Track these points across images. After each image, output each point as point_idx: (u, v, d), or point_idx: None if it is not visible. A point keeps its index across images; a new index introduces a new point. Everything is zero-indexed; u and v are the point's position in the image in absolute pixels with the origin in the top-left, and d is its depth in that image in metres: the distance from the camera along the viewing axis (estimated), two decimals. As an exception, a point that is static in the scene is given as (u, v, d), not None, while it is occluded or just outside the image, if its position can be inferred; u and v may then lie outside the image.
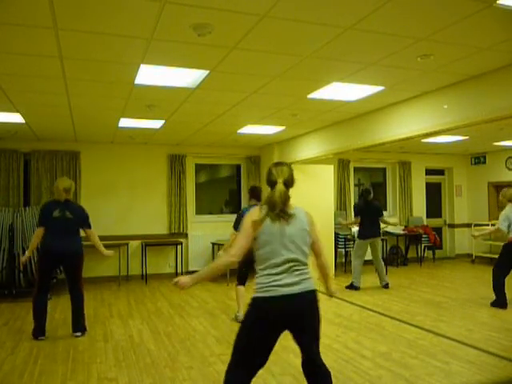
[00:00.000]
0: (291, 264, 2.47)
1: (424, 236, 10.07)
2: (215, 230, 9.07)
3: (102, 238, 5.33)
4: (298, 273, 2.48)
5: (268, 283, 2.45)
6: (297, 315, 2.46)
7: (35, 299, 4.79)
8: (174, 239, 8.77)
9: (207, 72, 4.27)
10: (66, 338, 4.82)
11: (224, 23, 3.16)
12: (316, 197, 8.27)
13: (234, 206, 9.74)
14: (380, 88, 4.91)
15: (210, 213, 9.49)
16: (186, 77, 4.42)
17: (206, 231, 9.03)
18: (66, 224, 4.82)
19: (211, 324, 5.35)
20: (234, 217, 5.42)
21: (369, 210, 7.45)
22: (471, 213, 11.01)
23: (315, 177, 8.43)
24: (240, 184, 9.67)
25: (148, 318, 5.67)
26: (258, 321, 2.46)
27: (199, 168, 9.47)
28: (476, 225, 10.30)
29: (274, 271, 2.45)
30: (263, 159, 9.45)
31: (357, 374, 3.74)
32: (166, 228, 8.89)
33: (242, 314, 5.55)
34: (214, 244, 8.67)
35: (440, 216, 11.21)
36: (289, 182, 2.60)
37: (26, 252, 5.00)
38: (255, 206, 4.90)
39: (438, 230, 10.80)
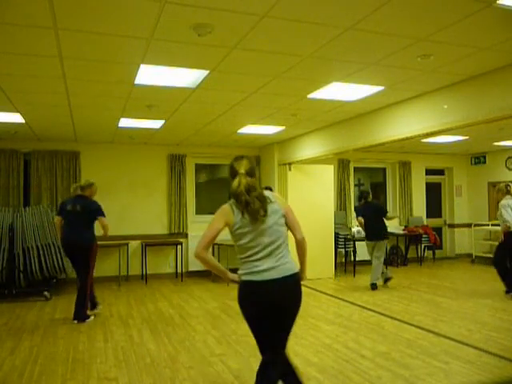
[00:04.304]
0: (269, 249, 2.55)
1: (424, 236, 10.07)
2: (215, 230, 9.05)
3: (102, 238, 5.41)
4: (277, 257, 2.55)
5: (249, 269, 2.55)
6: (274, 299, 2.54)
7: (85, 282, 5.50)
8: (173, 239, 8.77)
9: (207, 72, 4.27)
10: (66, 337, 4.82)
11: (224, 23, 3.16)
12: (316, 197, 8.29)
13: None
14: (380, 88, 4.91)
15: (211, 213, 9.47)
16: (186, 77, 4.42)
17: (206, 231, 9.01)
18: (75, 216, 5.42)
19: (211, 324, 5.35)
20: None
21: (371, 211, 7.45)
22: (471, 213, 11.01)
23: (315, 177, 8.44)
24: (240, 184, 9.64)
25: (148, 318, 5.67)
26: (244, 302, 2.61)
27: (199, 168, 9.47)
28: (476, 225, 10.30)
29: (252, 258, 2.55)
30: (263, 159, 9.46)
31: (357, 374, 3.74)
32: (166, 228, 8.89)
33: None
34: (214, 244, 8.63)
35: (440, 216, 11.21)
36: (250, 173, 2.65)
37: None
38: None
39: (438, 230, 10.80)
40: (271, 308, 2.55)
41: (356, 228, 9.05)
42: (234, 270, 2.72)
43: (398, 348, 4.39)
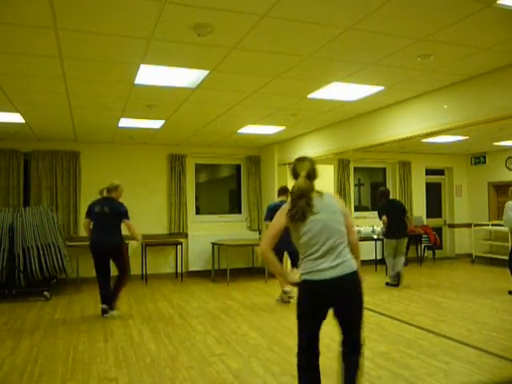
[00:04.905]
0: (329, 248, 2.62)
1: (424, 236, 10.07)
2: (215, 230, 9.07)
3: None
4: (336, 255, 2.62)
5: (310, 268, 2.62)
6: (338, 296, 2.62)
7: (98, 282, 5.72)
8: (173, 239, 8.77)
9: (207, 72, 4.27)
10: (66, 337, 4.82)
11: (224, 23, 3.16)
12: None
13: (234, 206, 9.77)
14: (380, 88, 4.91)
15: (212, 212, 9.49)
16: (186, 77, 4.43)
17: (206, 231, 9.03)
18: (105, 218, 5.61)
19: (211, 324, 5.35)
20: (233, 217, 5.38)
21: (393, 209, 7.49)
22: (471, 213, 11.00)
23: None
24: (240, 184, 9.67)
25: (148, 318, 5.67)
26: (303, 301, 2.67)
27: (199, 168, 9.47)
28: (476, 225, 10.30)
29: (313, 257, 2.62)
30: (263, 159, 9.46)
31: (357, 374, 3.74)
32: (166, 228, 8.88)
33: (285, 296, 6.37)
34: (213, 244, 8.66)
35: (440, 216, 11.21)
36: (310, 175, 2.74)
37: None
38: (284, 200, 6.07)
39: (438, 230, 10.80)
40: (330, 306, 2.64)
41: (356, 228, 9.04)
42: (235, 270, 2.73)
43: (398, 348, 4.39)
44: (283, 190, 6.67)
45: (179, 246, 8.62)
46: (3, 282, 6.71)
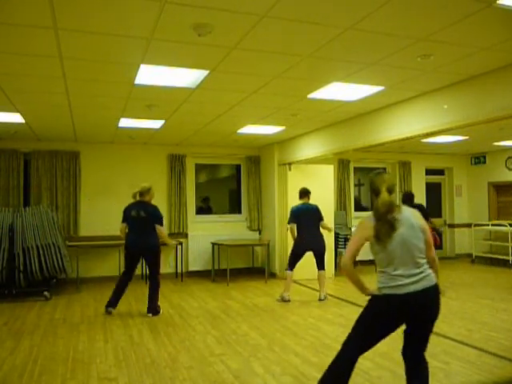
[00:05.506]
0: (409, 263, 2.64)
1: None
2: (215, 230, 9.07)
3: (101, 238, 5.45)
4: (417, 271, 2.65)
5: (390, 282, 2.65)
6: (418, 310, 2.66)
7: (120, 278, 5.97)
8: (173, 239, 8.75)
9: (207, 72, 4.27)
10: (66, 337, 4.82)
11: (224, 23, 3.16)
12: (316, 197, 8.25)
13: (234, 206, 9.77)
14: (380, 88, 4.91)
15: (214, 212, 9.49)
16: (186, 77, 4.42)
17: (206, 231, 9.03)
18: (141, 222, 5.73)
19: (211, 324, 5.35)
20: (233, 217, 5.69)
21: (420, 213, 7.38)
22: (471, 213, 11.01)
23: (315, 177, 8.43)
24: (240, 184, 9.67)
25: (148, 318, 5.67)
26: (381, 314, 2.71)
27: (199, 168, 9.47)
28: (476, 225, 10.30)
29: (393, 273, 2.65)
30: (263, 159, 9.46)
31: (357, 374, 3.73)
32: (165, 228, 8.84)
33: (286, 295, 6.53)
34: (213, 244, 8.66)
35: (440, 216, 11.20)
36: (390, 189, 2.77)
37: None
38: (306, 203, 6.73)
39: (438, 230, 10.79)
40: (412, 320, 2.69)
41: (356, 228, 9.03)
42: (235, 270, 2.73)
43: (398, 348, 4.36)
44: (304, 193, 6.76)
45: (179, 246, 8.62)
46: (3, 282, 6.71)
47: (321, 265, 6.68)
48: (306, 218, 6.62)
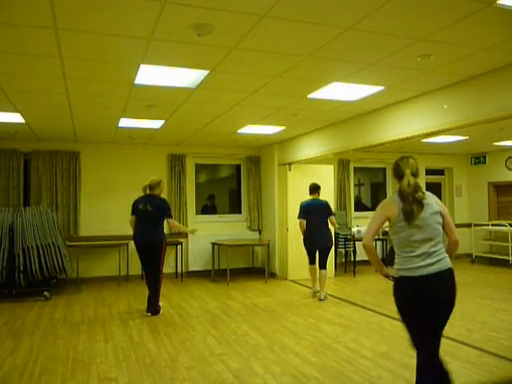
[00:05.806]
0: (427, 245, 2.70)
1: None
2: (215, 230, 9.07)
3: (101, 238, 5.43)
4: (433, 253, 2.70)
5: (407, 264, 2.71)
6: (431, 294, 2.68)
7: (145, 279, 6.03)
8: (174, 239, 8.75)
9: (207, 72, 4.27)
10: (66, 337, 4.82)
11: (224, 23, 3.16)
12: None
13: (234, 206, 9.77)
14: (380, 88, 4.91)
15: (214, 212, 9.48)
16: (185, 77, 4.42)
17: (206, 231, 9.03)
18: (148, 216, 5.74)
19: (211, 324, 5.35)
20: (233, 217, 6.11)
21: None
22: (471, 213, 11.01)
23: (315, 177, 8.39)
24: (240, 184, 9.66)
25: (148, 318, 5.67)
26: (402, 298, 2.76)
27: (199, 168, 9.47)
28: (476, 225, 10.30)
29: (411, 254, 2.71)
30: (263, 159, 9.46)
31: (357, 374, 3.74)
32: (165, 228, 8.81)
33: (315, 288, 6.70)
34: (213, 244, 8.66)
35: (440, 216, 11.18)
36: (415, 173, 2.83)
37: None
38: (316, 198, 6.75)
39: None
40: (427, 303, 2.69)
41: (356, 228, 9.05)
42: (235, 270, 2.72)
43: (397, 348, 4.39)
44: (314, 189, 6.81)
45: (179, 246, 8.62)
46: (3, 282, 6.71)
47: (323, 263, 6.70)
48: (315, 213, 6.68)
